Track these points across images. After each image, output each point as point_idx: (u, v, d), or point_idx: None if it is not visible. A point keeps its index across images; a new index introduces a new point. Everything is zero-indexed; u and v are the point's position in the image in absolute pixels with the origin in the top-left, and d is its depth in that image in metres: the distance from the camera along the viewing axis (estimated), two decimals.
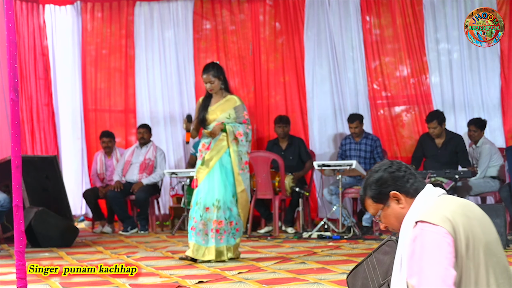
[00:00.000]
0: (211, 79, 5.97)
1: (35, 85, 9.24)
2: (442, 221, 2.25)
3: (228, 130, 5.90)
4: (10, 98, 4.04)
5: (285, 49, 9.20)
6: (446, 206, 2.33)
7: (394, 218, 2.45)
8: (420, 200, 2.39)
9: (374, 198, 2.47)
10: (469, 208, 2.36)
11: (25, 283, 4.14)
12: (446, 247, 2.21)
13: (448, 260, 2.21)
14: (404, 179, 2.42)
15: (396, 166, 2.46)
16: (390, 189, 2.43)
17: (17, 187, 4.06)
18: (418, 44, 8.71)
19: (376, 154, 8.24)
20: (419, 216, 2.30)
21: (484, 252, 2.27)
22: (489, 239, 2.32)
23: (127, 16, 9.51)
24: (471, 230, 2.26)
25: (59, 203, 7.84)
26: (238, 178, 5.91)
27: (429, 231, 2.24)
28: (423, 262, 2.21)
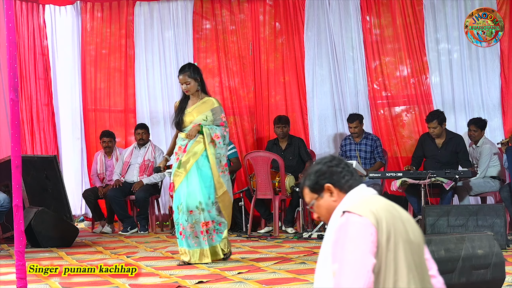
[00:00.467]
0: (187, 80, 5.85)
1: (35, 85, 9.24)
2: (367, 213, 2.38)
3: (205, 132, 5.76)
4: (10, 98, 4.04)
5: (285, 49, 9.20)
6: (374, 202, 2.46)
7: (325, 209, 2.58)
8: (351, 196, 2.53)
9: (310, 187, 2.59)
10: (396, 209, 2.49)
11: (25, 283, 4.14)
12: (368, 237, 2.34)
13: (368, 248, 2.33)
14: (341, 175, 2.55)
15: (336, 162, 2.59)
16: (325, 182, 2.55)
17: (17, 187, 4.06)
18: (418, 44, 8.71)
19: (377, 154, 8.24)
20: (347, 207, 2.45)
21: (404, 248, 2.38)
22: (412, 239, 2.43)
23: (127, 16, 9.50)
24: (393, 225, 2.39)
25: (59, 203, 7.84)
26: (220, 181, 5.78)
27: (354, 221, 2.37)
28: (345, 249, 2.34)
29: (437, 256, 3.81)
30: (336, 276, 2.36)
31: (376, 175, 7.58)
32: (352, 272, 2.31)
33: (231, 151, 8.55)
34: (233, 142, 8.86)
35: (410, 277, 2.37)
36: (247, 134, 9.34)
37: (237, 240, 7.57)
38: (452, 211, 6.44)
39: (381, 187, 7.99)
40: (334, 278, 2.37)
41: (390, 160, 8.57)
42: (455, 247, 3.91)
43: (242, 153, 8.91)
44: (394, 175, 7.48)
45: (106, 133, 8.89)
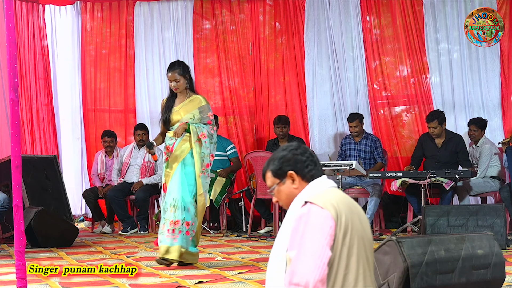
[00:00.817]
0: (177, 77, 5.73)
1: (35, 85, 9.24)
2: (329, 206, 2.44)
3: (192, 130, 5.66)
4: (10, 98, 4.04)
5: (285, 49, 9.20)
6: (335, 196, 2.52)
7: (285, 195, 2.63)
8: (313, 185, 2.59)
9: (273, 172, 2.65)
10: (354, 204, 2.55)
11: (25, 283, 4.14)
12: (327, 230, 2.40)
13: (326, 241, 2.39)
14: (304, 164, 2.61)
15: (301, 150, 2.64)
16: (289, 169, 2.61)
17: (17, 187, 4.06)
18: (418, 44, 8.71)
19: (377, 154, 8.23)
20: (309, 197, 2.49)
21: (358, 243, 2.46)
22: (366, 235, 2.52)
23: (127, 16, 9.51)
24: (351, 220, 2.46)
25: (59, 203, 7.84)
26: (198, 181, 5.67)
27: (315, 212, 2.43)
28: (304, 239, 2.39)
29: (437, 256, 3.81)
30: (292, 264, 2.40)
31: (376, 175, 7.58)
32: (308, 263, 2.36)
33: (231, 151, 8.56)
34: (233, 142, 8.86)
35: (359, 272, 2.45)
36: (247, 134, 9.34)
37: (237, 240, 7.57)
38: (452, 211, 6.44)
39: (381, 187, 7.98)
40: (290, 266, 2.41)
41: (390, 160, 8.57)
42: (455, 247, 3.91)
43: (242, 153, 8.91)
44: (394, 175, 7.48)
45: (107, 133, 8.89)
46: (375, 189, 7.85)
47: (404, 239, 3.84)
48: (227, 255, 6.28)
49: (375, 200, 7.81)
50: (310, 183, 2.60)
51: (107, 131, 8.93)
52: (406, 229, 7.41)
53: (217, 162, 8.45)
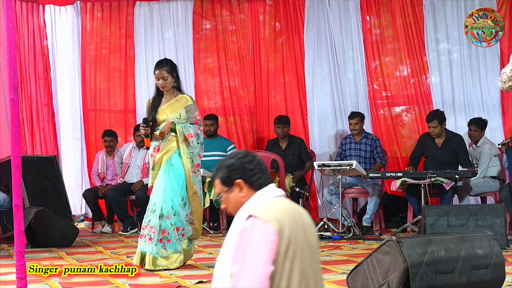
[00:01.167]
0: (164, 75, 5.57)
1: (35, 85, 9.24)
2: (272, 219, 2.43)
3: (178, 130, 5.50)
4: (10, 98, 4.04)
5: (285, 49, 9.20)
6: (280, 207, 2.51)
7: (233, 203, 2.64)
8: (259, 195, 2.59)
9: (222, 180, 2.66)
10: (299, 215, 2.54)
11: (25, 283, 4.14)
12: (269, 244, 2.40)
13: (268, 256, 2.39)
14: (252, 172, 2.61)
15: (249, 158, 2.64)
16: (236, 177, 2.61)
17: (17, 187, 4.06)
18: (418, 44, 8.71)
19: (376, 154, 8.23)
20: (254, 210, 2.49)
21: (301, 256, 2.46)
22: (311, 246, 2.51)
23: (126, 16, 9.50)
24: (295, 233, 2.45)
25: (59, 203, 7.84)
26: (190, 181, 5.52)
27: (259, 227, 2.42)
28: (246, 254, 2.40)
29: (437, 256, 3.81)
30: (234, 280, 2.42)
31: (376, 175, 7.58)
32: (250, 279, 2.38)
33: (232, 151, 8.56)
34: (233, 142, 8.86)
35: (302, 285, 2.45)
36: (247, 134, 9.33)
37: None
38: (452, 211, 6.44)
39: (381, 187, 7.98)
40: (232, 280, 2.44)
41: (390, 160, 8.57)
42: (455, 247, 3.91)
43: None
44: (394, 175, 7.48)
45: (108, 132, 8.88)
46: (375, 189, 7.85)
47: (404, 239, 3.84)
48: None
49: (375, 200, 7.81)
50: (257, 192, 2.60)
51: (108, 131, 8.93)
52: (406, 229, 7.41)
53: (217, 162, 8.41)
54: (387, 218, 8.29)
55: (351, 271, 4.14)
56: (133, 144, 8.80)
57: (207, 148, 8.53)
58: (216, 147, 8.54)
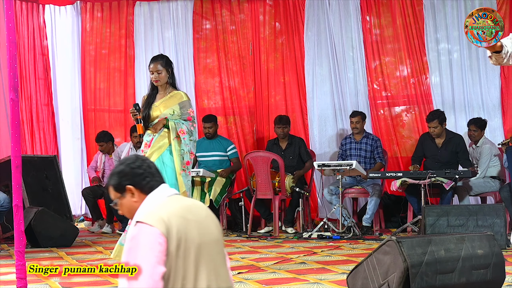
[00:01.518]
0: (159, 69, 5.46)
1: (35, 85, 9.24)
2: (158, 222, 2.48)
3: (171, 126, 5.42)
4: (10, 98, 4.04)
5: (285, 49, 9.20)
6: (168, 208, 2.57)
7: (127, 209, 2.70)
8: (150, 198, 2.64)
9: (114, 187, 2.70)
10: (191, 210, 2.59)
11: (25, 283, 4.14)
12: (157, 247, 2.46)
13: (157, 259, 2.45)
14: (142, 176, 2.66)
15: (139, 163, 2.68)
16: (127, 183, 2.66)
17: (17, 187, 4.06)
18: (418, 44, 8.71)
19: (377, 154, 8.23)
20: (140, 217, 2.54)
21: (196, 253, 2.52)
22: (206, 240, 2.56)
23: (126, 16, 9.51)
24: (185, 232, 2.51)
25: (59, 203, 7.84)
26: (180, 179, 5.43)
27: (145, 232, 2.48)
28: (136, 260, 2.48)
29: (437, 256, 3.81)
30: (128, 284, 2.51)
31: (376, 175, 7.58)
32: (141, 282, 2.46)
33: (232, 151, 8.56)
34: (233, 142, 8.86)
35: (198, 279, 2.51)
36: (247, 134, 9.34)
37: (237, 240, 7.57)
38: (452, 211, 6.44)
39: (381, 187, 7.98)
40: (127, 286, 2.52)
41: (390, 160, 8.57)
42: (455, 247, 3.91)
43: (242, 153, 8.91)
44: (394, 175, 7.48)
45: (99, 138, 8.78)
46: (375, 189, 7.85)
47: (404, 239, 3.84)
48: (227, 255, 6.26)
49: (375, 200, 7.81)
50: (149, 195, 2.64)
51: (100, 136, 8.80)
52: (406, 229, 7.41)
53: (217, 162, 8.46)
54: (387, 218, 8.29)
55: (351, 271, 4.14)
56: (130, 144, 8.76)
57: (207, 148, 8.54)
58: (216, 147, 8.54)
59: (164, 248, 2.46)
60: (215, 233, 2.63)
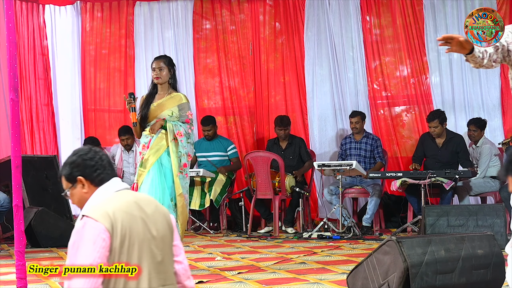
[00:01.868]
0: (161, 66, 5.45)
1: (35, 85, 9.24)
2: (103, 217, 2.51)
3: (168, 127, 5.38)
4: (10, 98, 4.04)
5: (285, 49, 9.20)
6: (115, 203, 2.59)
7: (77, 199, 2.73)
8: (101, 191, 2.68)
9: (65, 177, 2.74)
10: (139, 206, 2.62)
11: (25, 283, 4.14)
12: (100, 242, 2.50)
13: (99, 254, 2.51)
14: (93, 168, 2.68)
15: (91, 155, 2.71)
16: (78, 174, 2.69)
17: (17, 187, 4.06)
18: (418, 44, 8.71)
19: (377, 154, 8.23)
20: (86, 211, 2.58)
21: (139, 248, 2.56)
22: (150, 236, 2.60)
23: (126, 16, 9.51)
24: (129, 227, 2.54)
25: (59, 203, 7.83)
26: (176, 181, 5.40)
27: (89, 226, 2.51)
28: (78, 253, 2.53)
29: (437, 256, 3.81)
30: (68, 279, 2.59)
31: (376, 175, 7.58)
32: (81, 277, 2.54)
33: (232, 151, 8.56)
34: (233, 142, 8.86)
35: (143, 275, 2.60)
36: (247, 134, 9.34)
37: (237, 240, 7.57)
38: (452, 211, 6.44)
39: (381, 187, 7.98)
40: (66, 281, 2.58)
41: (390, 160, 8.57)
42: (455, 247, 3.91)
43: (242, 153, 8.91)
44: (394, 175, 7.48)
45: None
46: (375, 189, 7.85)
47: (404, 239, 3.84)
48: (227, 255, 6.28)
49: (375, 200, 7.81)
50: (99, 188, 2.68)
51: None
52: (406, 229, 7.41)
53: (217, 162, 8.46)
54: (387, 218, 8.29)
55: (351, 271, 4.14)
56: (121, 147, 8.69)
57: (207, 148, 8.54)
58: (216, 147, 8.54)
59: (107, 244, 2.50)
60: (162, 229, 2.66)
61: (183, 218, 5.51)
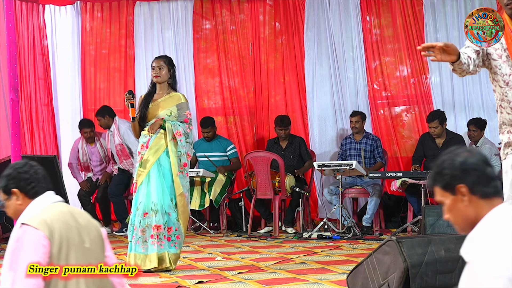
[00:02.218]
0: (161, 65, 5.50)
1: (35, 85, 9.23)
2: (42, 225, 2.60)
3: (167, 127, 5.42)
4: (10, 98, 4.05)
5: (285, 49, 9.20)
6: (51, 212, 2.69)
7: (12, 211, 2.82)
8: (36, 203, 2.76)
9: (2, 189, 2.81)
10: (73, 217, 2.73)
11: None
12: (41, 249, 2.59)
13: (40, 259, 2.58)
14: (27, 181, 2.77)
15: (26, 168, 2.80)
16: (13, 186, 2.77)
17: None
18: (418, 44, 8.68)
19: (377, 154, 8.24)
20: (26, 219, 2.66)
21: (76, 255, 2.69)
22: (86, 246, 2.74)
23: (126, 16, 9.50)
24: (66, 236, 2.65)
25: None
26: (176, 180, 5.42)
27: (29, 233, 2.60)
28: (19, 260, 2.57)
29: (437, 256, 3.81)
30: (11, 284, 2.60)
31: (376, 175, 7.58)
32: (22, 284, 2.55)
33: (231, 151, 8.55)
34: (233, 142, 8.86)
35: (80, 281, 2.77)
36: (247, 134, 9.33)
37: (237, 240, 7.57)
38: None
39: (381, 187, 7.99)
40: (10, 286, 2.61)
41: (390, 160, 8.57)
42: (455, 247, 3.91)
43: (242, 153, 8.91)
44: (394, 175, 7.48)
45: (85, 123, 8.61)
46: (375, 189, 7.85)
47: (404, 239, 3.85)
48: (227, 255, 6.28)
49: (375, 200, 7.81)
50: (33, 200, 2.76)
51: (84, 121, 8.68)
52: (406, 229, 7.41)
53: (217, 162, 8.46)
54: (387, 218, 8.29)
55: (351, 271, 4.14)
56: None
57: (207, 149, 8.54)
58: (216, 147, 8.54)
59: (47, 250, 2.59)
60: (95, 239, 2.78)
61: (184, 217, 5.52)
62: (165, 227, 5.40)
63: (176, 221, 5.46)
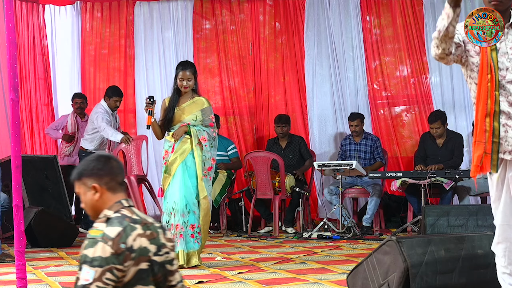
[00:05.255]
0: (189, 76, 5.66)
1: (35, 85, 9.24)
2: None
3: (193, 133, 5.59)
4: (10, 98, 4.04)
5: (285, 49, 9.20)
6: None
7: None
8: None
9: None
10: None
11: (25, 283, 4.14)
12: None
13: None
14: None
15: None
16: None
17: (17, 187, 4.06)
18: (418, 44, 8.71)
19: (377, 154, 8.24)
20: None
21: None
22: None
23: (126, 16, 9.50)
24: None
25: (59, 203, 7.84)
26: (201, 184, 5.58)
27: None
28: None
29: (437, 256, 3.81)
30: None
31: (376, 175, 7.58)
32: None
33: (232, 151, 8.56)
34: (233, 142, 8.86)
35: None
36: (247, 134, 9.34)
37: (237, 240, 7.57)
38: (452, 211, 6.43)
39: (381, 187, 7.98)
40: None
41: (390, 160, 8.57)
42: (455, 247, 3.91)
43: (242, 153, 8.91)
44: (394, 175, 7.48)
45: (78, 94, 8.74)
46: (375, 189, 7.85)
47: (404, 239, 3.85)
48: (227, 255, 6.28)
49: (375, 200, 7.81)
50: None
51: (78, 93, 8.81)
52: (406, 229, 7.41)
53: (218, 162, 8.45)
54: (387, 218, 8.29)
55: (351, 271, 4.14)
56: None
57: None
58: None
59: None
60: None
61: (207, 220, 5.68)
62: (187, 226, 5.54)
63: (199, 219, 5.61)
